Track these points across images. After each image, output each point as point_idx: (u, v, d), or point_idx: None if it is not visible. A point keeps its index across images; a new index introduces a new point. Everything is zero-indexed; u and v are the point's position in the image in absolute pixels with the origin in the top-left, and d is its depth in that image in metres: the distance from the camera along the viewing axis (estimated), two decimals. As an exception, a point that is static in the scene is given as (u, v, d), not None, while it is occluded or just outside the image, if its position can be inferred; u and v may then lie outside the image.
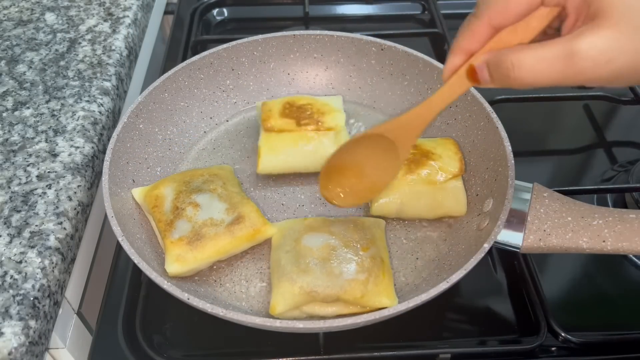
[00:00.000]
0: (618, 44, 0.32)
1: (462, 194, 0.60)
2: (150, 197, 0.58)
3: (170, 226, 0.55)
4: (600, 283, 0.59)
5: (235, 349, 0.54)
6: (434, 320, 0.56)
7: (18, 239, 0.52)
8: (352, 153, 0.52)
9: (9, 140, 0.62)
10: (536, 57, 0.34)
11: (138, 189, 0.60)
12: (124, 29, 0.77)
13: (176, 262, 0.53)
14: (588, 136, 0.76)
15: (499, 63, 0.37)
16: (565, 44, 0.33)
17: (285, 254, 0.54)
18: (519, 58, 0.35)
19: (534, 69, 0.34)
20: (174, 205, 0.56)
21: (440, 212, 0.60)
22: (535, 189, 0.55)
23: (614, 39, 0.32)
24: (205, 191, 0.57)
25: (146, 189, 0.60)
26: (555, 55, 0.33)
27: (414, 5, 1.00)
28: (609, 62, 0.32)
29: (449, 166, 0.59)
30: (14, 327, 0.46)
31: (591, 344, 0.53)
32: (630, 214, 0.51)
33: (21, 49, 0.74)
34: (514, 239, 0.53)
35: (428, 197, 0.59)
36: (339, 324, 0.45)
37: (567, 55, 0.33)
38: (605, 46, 0.32)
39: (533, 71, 0.34)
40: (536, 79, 0.35)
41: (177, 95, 0.69)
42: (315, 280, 0.51)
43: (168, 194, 0.58)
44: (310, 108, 0.66)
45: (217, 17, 0.99)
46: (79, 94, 0.67)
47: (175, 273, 0.53)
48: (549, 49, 0.34)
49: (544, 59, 0.34)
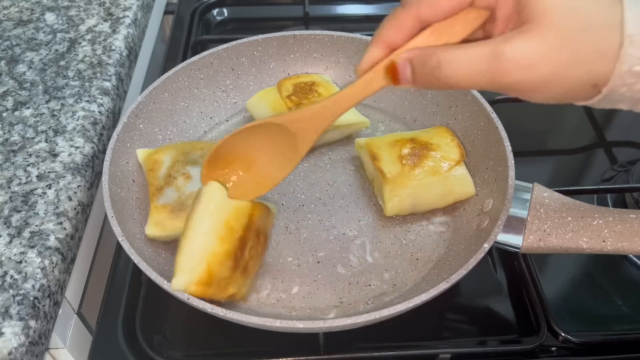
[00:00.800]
0: (542, 51, 0.31)
1: (468, 176, 0.60)
2: (149, 160, 0.60)
3: (159, 192, 0.57)
4: (600, 283, 0.59)
5: (235, 349, 0.54)
6: (434, 320, 0.56)
7: (18, 239, 0.52)
8: (245, 142, 0.47)
9: (9, 140, 0.62)
10: (463, 56, 0.33)
11: (143, 150, 0.63)
12: (124, 29, 0.77)
13: (155, 227, 0.55)
14: (588, 136, 0.76)
15: (424, 61, 0.35)
16: (493, 45, 0.32)
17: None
18: (446, 56, 0.34)
19: (461, 68, 0.33)
20: (168, 173, 0.59)
21: (451, 199, 0.61)
22: (535, 189, 0.55)
23: (539, 45, 0.31)
24: (200, 165, 0.58)
25: (149, 152, 0.62)
26: (481, 55, 0.32)
27: (414, 5, 1.00)
28: (531, 67, 0.32)
29: (450, 154, 0.60)
30: (14, 327, 0.46)
31: (591, 344, 0.53)
32: (631, 214, 0.51)
33: (21, 49, 0.74)
34: (514, 239, 0.53)
35: (438, 187, 0.59)
36: (339, 324, 0.45)
37: (493, 56, 0.32)
38: (529, 51, 0.31)
39: (459, 70, 0.33)
40: (461, 79, 0.34)
41: (177, 95, 0.69)
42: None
43: (166, 160, 0.60)
44: (316, 97, 0.66)
45: (217, 17, 0.99)
46: (79, 94, 0.67)
47: (152, 236, 0.56)
48: (476, 48, 0.33)
49: (470, 59, 0.33)
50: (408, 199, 0.59)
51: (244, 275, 0.50)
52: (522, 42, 0.32)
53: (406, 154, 0.60)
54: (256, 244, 0.50)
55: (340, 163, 0.68)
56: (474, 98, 0.63)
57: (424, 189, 0.59)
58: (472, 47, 0.33)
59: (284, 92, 0.67)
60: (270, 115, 0.65)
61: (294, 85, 0.68)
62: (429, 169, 0.59)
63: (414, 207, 0.60)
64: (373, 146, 0.61)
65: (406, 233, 0.60)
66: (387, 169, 0.59)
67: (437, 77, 0.34)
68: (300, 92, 0.67)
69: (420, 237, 0.60)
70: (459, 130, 0.66)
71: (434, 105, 0.70)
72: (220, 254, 0.47)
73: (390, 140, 0.62)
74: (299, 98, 0.66)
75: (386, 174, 0.59)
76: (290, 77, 0.69)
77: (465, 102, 0.65)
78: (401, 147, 0.60)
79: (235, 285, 0.49)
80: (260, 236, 0.51)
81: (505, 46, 0.32)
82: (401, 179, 0.58)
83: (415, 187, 0.59)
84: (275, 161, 0.48)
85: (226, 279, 0.48)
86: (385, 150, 0.61)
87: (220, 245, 0.47)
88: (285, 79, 0.69)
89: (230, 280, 0.48)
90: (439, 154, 0.60)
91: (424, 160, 0.59)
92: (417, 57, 0.36)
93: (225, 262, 0.47)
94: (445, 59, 0.34)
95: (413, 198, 0.59)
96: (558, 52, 0.31)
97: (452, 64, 0.33)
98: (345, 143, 0.70)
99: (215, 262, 0.46)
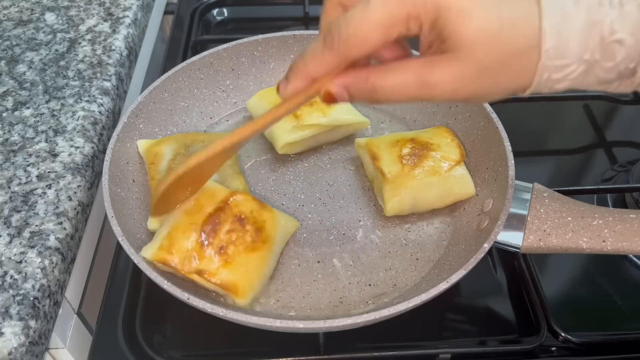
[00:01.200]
0: (463, 78, 0.34)
1: (468, 176, 0.60)
2: (150, 153, 0.60)
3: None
4: (600, 283, 0.59)
5: (235, 349, 0.54)
6: (434, 320, 0.56)
7: (18, 239, 0.52)
8: (173, 192, 0.51)
9: (9, 140, 0.62)
10: (394, 82, 0.36)
11: (144, 141, 0.62)
12: (124, 29, 0.77)
13: (157, 221, 0.55)
14: (588, 136, 0.76)
15: (360, 87, 0.38)
16: (420, 72, 0.35)
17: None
18: (379, 82, 0.37)
19: (394, 93, 0.37)
20: (169, 166, 0.58)
21: (451, 199, 0.61)
22: (535, 189, 0.55)
23: (462, 73, 0.34)
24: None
25: (150, 143, 0.62)
26: (411, 82, 0.36)
27: (414, 5, 1.00)
28: (455, 91, 0.35)
29: (450, 154, 0.60)
30: (14, 327, 0.46)
31: (591, 344, 0.53)
32: (631, 214, 0.51)
33: (21, 49, 0.74)
34: (514, 239, 0.53)
35: (438, 187, 0.59)
36: (339, 324, 0.45)
37: (421, 84, 0.35)
38: (452, 78, 0.35)
39: (393, 94, 0.37)
40: (393, 100, 0.37)
41: (177, 95, 0.69)
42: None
43: (167, 153, 0.60)
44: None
45: (217, 17, 0.99)
46: (79, 94, 0.67)
47: (154, 229, 0.56)
48: (406, 74, 0.36)
49: (401, 85, 0.36)
50: (408, 199, 0.59)
51: (223, 258, 0.51)
52: (445, 70, 0.35)
53: (406, 154, 0.60)
54: (241, 233, 0.52)
55: (340, 163, 0.68)
56: (474, 98, 0.63)
57: (424, 189, 0.59)
58: (402, 71, 0.36)
59: None
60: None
61: None
62: (429, 169, 0.59)
63: (414, 207, 0.60)
64: (373, 146, 0.61)
65: (406, 233, 0.60)
66: (387, 169, 0.59)
67: (375, 99, 0.38)
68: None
69: (420, 237, 0.60)
70: (459, 130, 0.66)
71: (434, 105, 0.70)
72: (183, 224, 0.51)
73: (391, 140, 0.62)
74: None
75: (386, 174, 0.59)
76: None
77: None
78: (401, 147, 0.60)
79: (205, 262, 0.50)
80: (247, 226, 0.52)
81: (431, 76, 0.35)
82: (401, 179, 0.58)
83: (415, 187, 0.59)
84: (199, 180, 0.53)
85: (190, 250, 0.50)
86: (385, 150, 0.61)
87: (185, 217, 0.52)
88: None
89: (197, 254, 0.50)
90: (439, 154, 0.60)
91: (424, 160, 0.59)
92: (352, 84, 0.38)
93: (187, 232, 0.51)
94: (378, 85, 0.37)
95: (413, 198, 0.59)
96: (479, 79, 0.34)
97: (385, 89, 0.37)
98: (345, 143, 0.70)
99: (176, 230, 0.51)
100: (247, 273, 0.51)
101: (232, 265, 0.51)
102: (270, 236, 0.53)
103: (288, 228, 0.57)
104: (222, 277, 0.50)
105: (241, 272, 0.51)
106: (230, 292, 0.51)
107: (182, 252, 0.50)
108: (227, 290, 0.51)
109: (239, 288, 0.51)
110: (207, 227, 0.51)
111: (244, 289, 0.51)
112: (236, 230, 0.52)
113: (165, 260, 0.50)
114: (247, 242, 0.52)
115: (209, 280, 0.50)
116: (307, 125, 0.64)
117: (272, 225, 0.54)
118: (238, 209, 0.53)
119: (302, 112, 0.64)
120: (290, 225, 0.57)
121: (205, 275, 0.50)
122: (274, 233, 0.54)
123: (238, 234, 0.52)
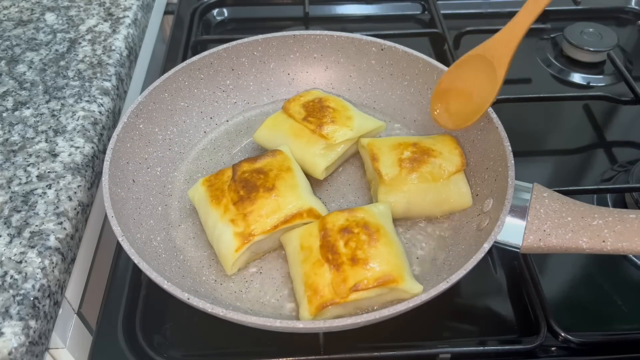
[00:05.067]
0: None
1: (466, 187, 0.60)
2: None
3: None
4: (600, 283, 0.59)
5: (235, 349, 0.54)
6: (434, 320, 0.56)
7: (18, 239, 0.52)
8: (456, 77, 0.60)
9: (9, 140, 0.62)
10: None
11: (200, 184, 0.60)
12: (124, 29, 0.77)
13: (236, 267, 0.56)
14: (588, 136, 0.76)
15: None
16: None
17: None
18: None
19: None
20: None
21: (446, 207, 0.60)
22: (535, 189, 0.55)
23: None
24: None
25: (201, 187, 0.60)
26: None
27: (414, 5, 1.00)
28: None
29: (450, 161, 0.60)
30: (14, 327, 0.46)
31: (591, 344, 0.53)
32: (630, 214, 0.51)
33: (21, 49, 0.74)
34: (514, 239, 0.52)
35: (433, 194, 0.59)
36: (339, 324, 0.45)
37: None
38: None
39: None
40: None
41: (177, 95, 0.69)
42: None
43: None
44: (331, 113, 0.65)
45: (217, 17, 0.99)
46: (79, 94, 0.67)
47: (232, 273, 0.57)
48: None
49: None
50: (401, 203, 0.59)
51: (361, 265, 0.51)
52: None
53: (406, 158, 0.59)
54: (354, 237, 0.52)
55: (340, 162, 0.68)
56: (474, 98, 0.63)
57: (419, 194, 0.59)
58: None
59: (297, 115, 0.65)
60: (292, 141, 0.64)
61: (303, 107, 0.66)
62: (427, 175, 0.59)
63: (407, 211, 0.60)
64: (374, 147, 0.61)
65: (406, 234, 0.60)
66: (385, 170, 0.59)
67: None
68: (314, 112, 0.65)
69: (420, 237, 0.60)
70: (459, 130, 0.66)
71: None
72: (308, 271, 0.52)
73: (393, 142, 0.62)
74: (317, 118, 0.64)
75: (383, 176, 0.59)
76: (292, 100, 0.67)
77: (465, 102, 0.65)
78: (402, 150, 0.60)
79: (351, 278, 0.50)
80: (354, 230, 0.53)
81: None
82: (397, 182, 0.58)
83: (410, 192, 0.59)
84: (481, 88, 0.58)
85: (331, 280, 0.51)
86: (386, 152, 0.60)
87: (304, 266, 0.53)
88: (288, 102, 0.67)
89: (340, 278, 0.50)
90: (439, 161, 0.59)
91: (422, 166, 0.59)
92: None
93: (317, 272, 0.52)
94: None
95: (407, 202, 0.59)
96: None
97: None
98: (345, 143, 0.70)
99: (308, 279, 0.52)
100: (388, 260, 0.51)
101: (370, 263, 0.51)
102: (376, 224, 0.54)
103: (382, 210, 0.57)
104: (374, 276, 0.50)
105: (383, 262, 0.51)
106: (392, 283, 0.50)
107: (326, 287, 0.51)
108: (388, 283, 0.50)
109: (393, 274, 0.50)
110: (327, 255, 0.52)
111: (398, 273, 0.51)
112: (349, 239, 0.52)
113: (323, 304, 0.50)
114: (365, 240, 0.52)
115: (367, 287, 0.50)
116: (339, 142, 0.63)
117: (371, 216, 0.55)
118: (335, 224, 0.54)
119: (328, 131, 0.63)
120: (383, 209, 0.57)
121: (361, 286, 0.50)
122: (376, 220, 0.54)
123: (353, 240, 0.52)
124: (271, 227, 0.55)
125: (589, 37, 0.87)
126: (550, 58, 0.88)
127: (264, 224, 0.55)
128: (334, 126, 0.63)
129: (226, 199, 0.56)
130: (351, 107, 0.67)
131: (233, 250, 0.54)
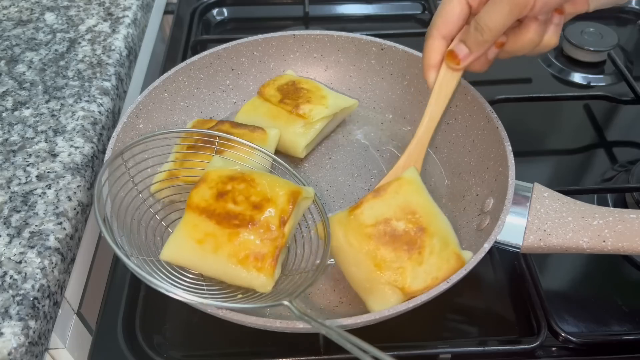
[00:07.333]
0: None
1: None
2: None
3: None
4: (600, 283, 0.59)
5: (235, 349, 0.54)
6: (434, 320, 0.56)
7: (18, 239, 0.52)
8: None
9: (9, 140, 0.62)
10: (491, 11, 0.47)
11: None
12: (124, 28, 0.77)
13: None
14: (588, 136, 0.76)
15: (467, 31, 0.50)
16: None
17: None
18: (480, 20, 0.48)
19: (493, 20, 0.47)
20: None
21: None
22: (535, 189, 0.55)
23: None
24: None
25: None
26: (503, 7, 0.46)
27: (414, 5, 1.00)
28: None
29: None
30: (14, 327, 0.46)
31: (591, 344, 0.53)
32: (631, 214, 0.51)
33: (21, 49, 0.74)
34: (515, 238, 0.52)
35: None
36: (339, 324, 0.45)
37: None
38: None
39: (494, 20, 0.47)
40: (496, 26, 0.47)
41: (177, 95, 0.69)
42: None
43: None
44: (306, 93, 0.67)
45: (217, 17, 0.99)
46: (79, 94, 0.67)
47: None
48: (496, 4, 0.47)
49: (496, 11, 0.47)
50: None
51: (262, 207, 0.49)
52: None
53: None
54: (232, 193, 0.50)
55: (340, 163, 0.68)
56: (474, 98, 0.63)
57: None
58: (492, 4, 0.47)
59: (273, 99, 0.67)
60: (270, 123, 0.66)
61: (278, 90, 0.68)
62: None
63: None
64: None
65: (406, 233, 0.60)
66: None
67: (482, 33, 0.48)
68: (289, 93, 0.67)
69: (420, 237, 0.60)
70: (459, 130, 0.66)
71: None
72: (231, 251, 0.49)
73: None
74: (293, 99, 0.67)
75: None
76: (267, 85, 0.69)
77: (465, 102, 0.65)
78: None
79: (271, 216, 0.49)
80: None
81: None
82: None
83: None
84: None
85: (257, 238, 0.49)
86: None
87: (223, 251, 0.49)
88: (263, 87, 0.69)
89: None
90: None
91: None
92: (462, 35, 0.51)
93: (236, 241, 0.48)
94: (481, 22, 0.48)
95: None
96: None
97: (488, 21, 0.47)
98: (345, 143, 0.70)
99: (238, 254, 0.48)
100: (281, 183, 0.51)
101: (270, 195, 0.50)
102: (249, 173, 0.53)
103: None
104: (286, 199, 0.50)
105: (280, 185, 0.51)
106: (298, 193, 0.51)
107: (259, 245, 0.48)
108: (297, 195, 0.51)
109: (294, 187, 0.52)
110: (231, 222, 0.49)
111: (295, 187, 0.52)
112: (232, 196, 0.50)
113: (271, 260, 0.48)
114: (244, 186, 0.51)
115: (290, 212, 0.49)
116: (317, 120, 0.66)
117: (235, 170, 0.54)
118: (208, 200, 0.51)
119: (304, 111, 0.65)
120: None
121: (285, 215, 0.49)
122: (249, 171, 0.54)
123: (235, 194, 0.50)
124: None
125: (590, 37, 0.87)
126: (550, 58, 0.88)
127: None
128: (310, 105, 0.66)
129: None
130: (323, 87, 0.70)
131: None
